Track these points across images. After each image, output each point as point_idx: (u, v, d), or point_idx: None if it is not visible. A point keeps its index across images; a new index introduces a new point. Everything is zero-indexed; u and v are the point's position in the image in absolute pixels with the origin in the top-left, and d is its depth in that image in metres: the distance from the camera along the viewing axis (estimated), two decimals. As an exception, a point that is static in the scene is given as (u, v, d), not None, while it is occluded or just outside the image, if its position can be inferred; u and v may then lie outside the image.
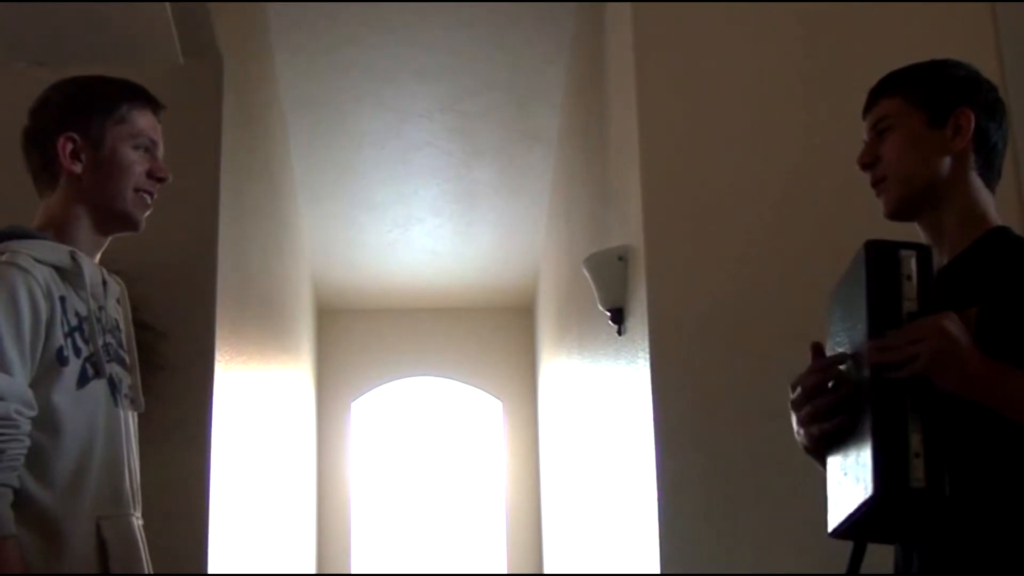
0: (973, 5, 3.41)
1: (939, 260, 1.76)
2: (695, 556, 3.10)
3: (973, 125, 1.74)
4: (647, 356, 3.29)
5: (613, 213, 3.98)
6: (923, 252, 1.53)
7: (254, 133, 4.72)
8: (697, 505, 3.14)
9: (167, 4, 3.68)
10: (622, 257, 3.65)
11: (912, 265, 1.51)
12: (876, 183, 1.80)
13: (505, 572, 7.88)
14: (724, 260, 3.30)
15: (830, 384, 1.61)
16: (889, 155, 1.77)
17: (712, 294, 3.28)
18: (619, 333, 3.76)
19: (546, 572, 7.46)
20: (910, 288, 1.50)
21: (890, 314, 1.49)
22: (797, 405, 1.63)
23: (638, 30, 3.48)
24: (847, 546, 1.67)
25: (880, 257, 1.51)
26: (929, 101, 1.77)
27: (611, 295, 3.71)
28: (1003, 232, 1.74)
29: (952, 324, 1.46)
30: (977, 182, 1.76)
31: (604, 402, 4.30)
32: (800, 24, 3.45)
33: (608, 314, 3.76)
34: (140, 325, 3.65)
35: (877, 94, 1.83)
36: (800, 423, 1.63)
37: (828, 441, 1.60)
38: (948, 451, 1.45)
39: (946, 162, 1.74)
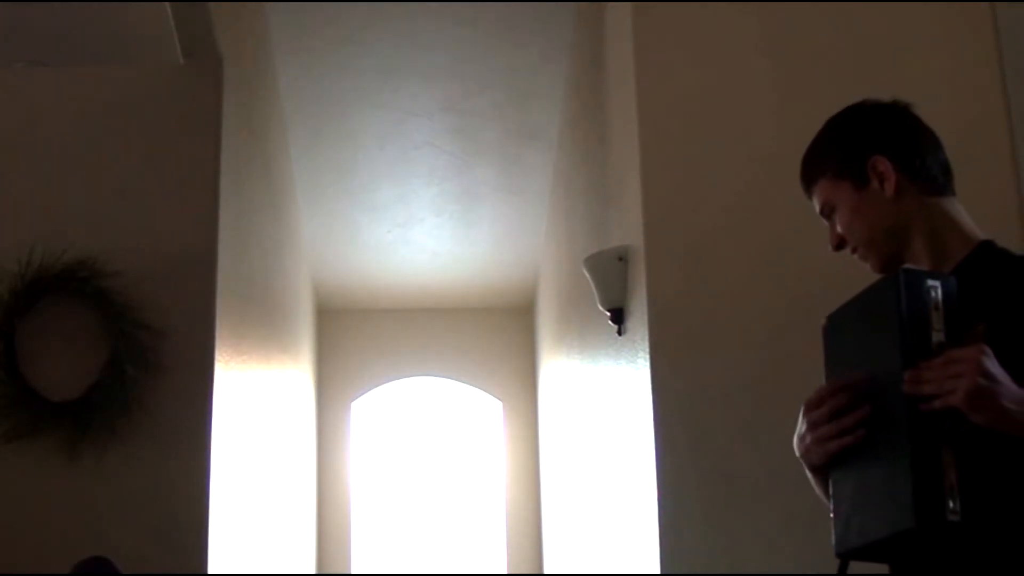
0: (973, 5, 3.41)
1: None
2: (695, 556, 3.10)
3: (891, 166, 1.76)
4: (647, 356, 3.28)
5: (613, 213, 3.98)
6: (947, 282, 1.54)
7: (254, 133, 4.72)
8: (697, 505, 3.14)
9: (167, 4, 3.68)
10: (622, 257, 3.64)
11: (938, 295, 1.52)
12: (853, 253, 1.84)
13: (505, 572, 7.88)
14: (724, 260, 3.30)
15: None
16: (845, 231, 1.82)
17: (712, 294, 3.28)
18: (619, 333, 3.75)
19: (546, 572, 7.46)
20: (937, 319, 1.51)
21: (922, 344, 1.50)
22: (818, 423, 1.61)
23: (638, 30, 3.48)
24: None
25: (912, 286, 1.52)
26: (844, 168, 1.80)
27: (611, 295, 3.71)
28: (990, 247, 1.75)
29: (989, 358, 1.47)
30: (931, 203, 1.77)
31: (604, 402, 4.30)
32: (801, 24, 3.45)
33: (608, 314, 3.76)
34: (140, 325, 3.67)
35: (806, 184, 1.89)
36: (818, 440, 1.61)
37: (836, 458, 1.60)
38: (982, 485, 1.47)
39: (892, 209, 1.77)
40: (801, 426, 1.65)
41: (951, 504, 1.44)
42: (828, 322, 1.68)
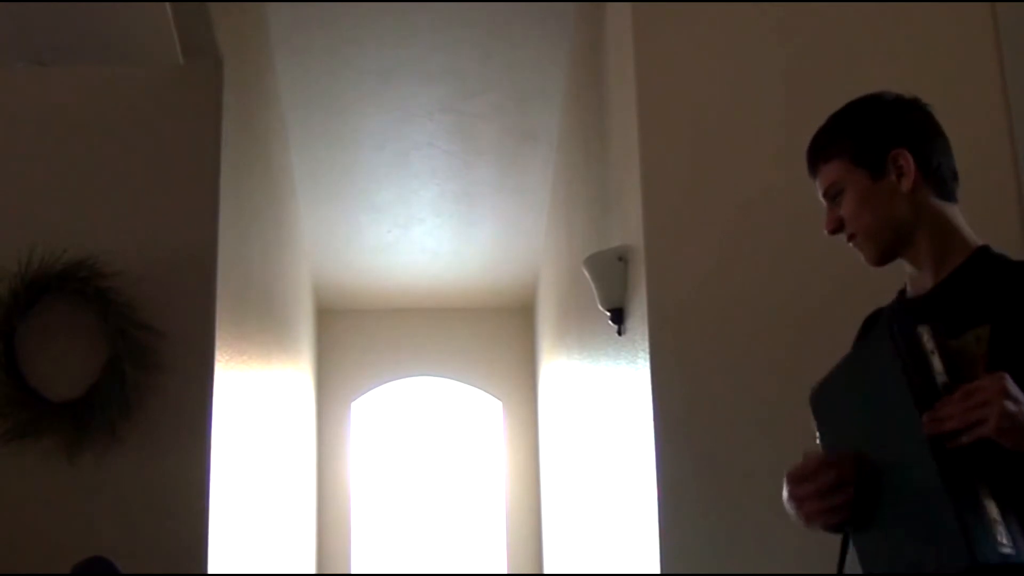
0: (973, 5, 3.41)
1: (924, 284, 1.79)
2: (695, 556, 3.10)
3: (912, 161, 1.76)
4: (647, 356, 3.28)
5: (613, 213, 3.98)
6: (936, 327, 1.56)
7: (254, 133, 4.72)
8: (697, 505, 3.14)
9: (167, 4, 3.68)
10: (622, 257, 3.65)
11: (931, 339, 1.54)
12: (849, 240, 1.83)
13: (505, 572, 7.89)
14: (724, 260, 3.30)
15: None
16: (849, 217, 1.80)
17: (712, 294, 3.27)
18: (619, 333, 3.76)
19: (546, 572, 7.46)
20: (936, 362, 1.53)
21: (929, 390, 1.51)
22: (805, 499, 1.61)
23: (638, 30, 3.48)
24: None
25: (906, 338, 1.54)
26: (865, 156, 1.79)
27: (611, 295, 3.71)
28: (986, 252, 1.75)
29: (1012, 384, 1.46)
30: (938, 205, 1.78)
31: (604, 402, 4.30)
32: (801, 24, 3.45)
33: (608, 314, 3.76)
34: (140, 325, 3.67)
35: (815, 161, 1.86)
36: (807, 515, 1.61)
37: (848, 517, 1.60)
38: (1021, 512, 1.47)
39: (903, 204, 1.77)
40: (785, 493, 1.64)
41: (999, 537, 1.43)
42: (815, 394, 1.69)
